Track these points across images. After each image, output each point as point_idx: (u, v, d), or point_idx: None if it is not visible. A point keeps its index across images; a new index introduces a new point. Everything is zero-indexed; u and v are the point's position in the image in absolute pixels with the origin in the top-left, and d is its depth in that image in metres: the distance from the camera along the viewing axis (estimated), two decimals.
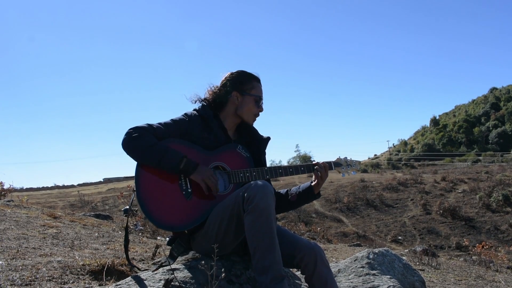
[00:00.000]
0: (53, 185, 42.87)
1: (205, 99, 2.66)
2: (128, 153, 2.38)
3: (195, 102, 2.67)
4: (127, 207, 2.63)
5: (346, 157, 2.87)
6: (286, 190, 2.76)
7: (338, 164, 2.82)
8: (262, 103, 2.68)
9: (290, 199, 2.72)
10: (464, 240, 17.96)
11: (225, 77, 2.67)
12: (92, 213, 7.46)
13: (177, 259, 2.54)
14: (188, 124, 2.52)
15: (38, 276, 2.42)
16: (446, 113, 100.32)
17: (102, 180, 47.79)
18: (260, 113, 2.69)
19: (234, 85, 2.62)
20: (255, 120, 2.69)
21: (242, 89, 2.62)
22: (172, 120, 2.53)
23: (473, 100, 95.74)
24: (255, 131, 2.77)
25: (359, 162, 2.92)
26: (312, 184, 2.69)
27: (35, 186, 42.48)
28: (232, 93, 2.61)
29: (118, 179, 44.53)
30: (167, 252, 2.50)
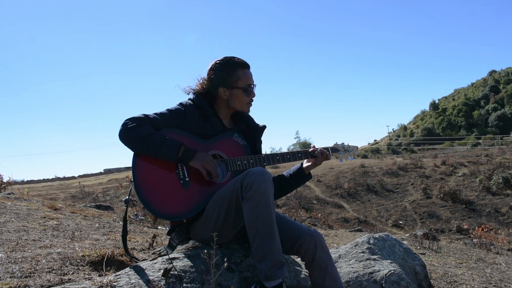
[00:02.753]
0: (54, 177, 42.97)
1: (197, 90, 2.62)
2: (125, 144, 2.36)
3: (189, 94, 2.64)
4: (127, 197, 2.62)
5: (343, 143, 2.86)
6: (277, 175, 2.75)
7: (336, 150, 2.82)
8: (252, 88, 2.62)
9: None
10: (465, 223, 18.04)
11: (210, 68, 2.61)
12: (93, 204, 7.45)
13: (177, 248, 2.54)
14: (184, 113, 2.50)
15: (37, 268, 2.42)
16: (446, 97, 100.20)
17: (102, 171, 47.88)
18: (253, 98, 2.64)
19: (218, 80, 2.55)
20: (250, 106, 2.66)
21: (228, 83, 2.55)
22: (168, 110, 2.50)
23: (472, 84, 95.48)
24: (251, 119, 2.75)
25: (357, 147, 2.91)
26: (304, 165, 2.69)
27: (35, 178, 42.52)
28: (218, 89, 2.56)
29: (118, 170, 44.57)
30: (166, 242, 2.50)
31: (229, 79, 2.55)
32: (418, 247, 5.34)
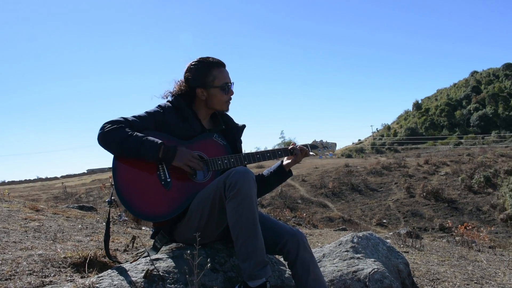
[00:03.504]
0: (36, 178, 42.26)
1: (175, 92, 2.61)
2: (105, 148, 2.32)
3: (167, 97, 2.63)
4: (110, 199, 2.59)
5: (322, 140, 2.87)
6: (258, 174, 2.75)
7: (315, 147, 2.84)
8: (230, 86, 2.62)
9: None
10: (447, 222, 18.29)
11: (186, 70, 2.61)
12: (76, 205, 7.34)
13: (161, 249, 2.53)
14: (163, 115, 2.49)
15: (18, 270, 2.38)
16: (428, 97, 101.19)
17: (85, 172, 47.26)
18: (232, 96, 2.65)
19: (195, 81, 2.56)
20: (229, 105, 2.66)
21: (205, 83, 2.55)
22: (146, 112, 2.49)
23: (455, 84, 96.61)
24: (230, 119, 2.76)
25: (335, 144, 2.92)
26: (284, 163, 2.70)
27: (17, 179, 41.82)
28: (196, 90, 2.57)
29: (102, 170, 44.03)
30: (146, 242, 2.48)
31: (206, 79, 2.55)
32: (402, 245, 5.39)
